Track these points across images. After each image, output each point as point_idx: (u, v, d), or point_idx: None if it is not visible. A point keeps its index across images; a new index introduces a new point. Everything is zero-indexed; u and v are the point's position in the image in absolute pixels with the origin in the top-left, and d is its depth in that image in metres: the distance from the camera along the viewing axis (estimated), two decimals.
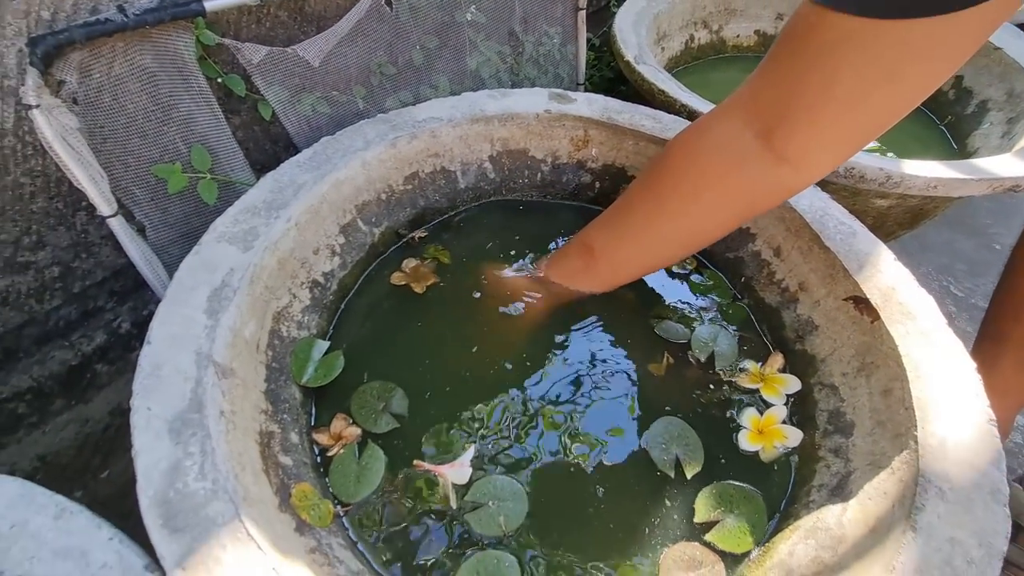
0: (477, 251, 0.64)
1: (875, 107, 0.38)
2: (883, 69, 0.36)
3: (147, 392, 0.36)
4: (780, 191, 0.46)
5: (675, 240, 0.52)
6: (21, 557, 0.30)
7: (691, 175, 0.48)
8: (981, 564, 0.32)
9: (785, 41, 0.40)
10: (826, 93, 0.38)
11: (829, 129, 0.40)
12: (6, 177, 0.43)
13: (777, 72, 0.41)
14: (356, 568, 0.38)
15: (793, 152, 0.41)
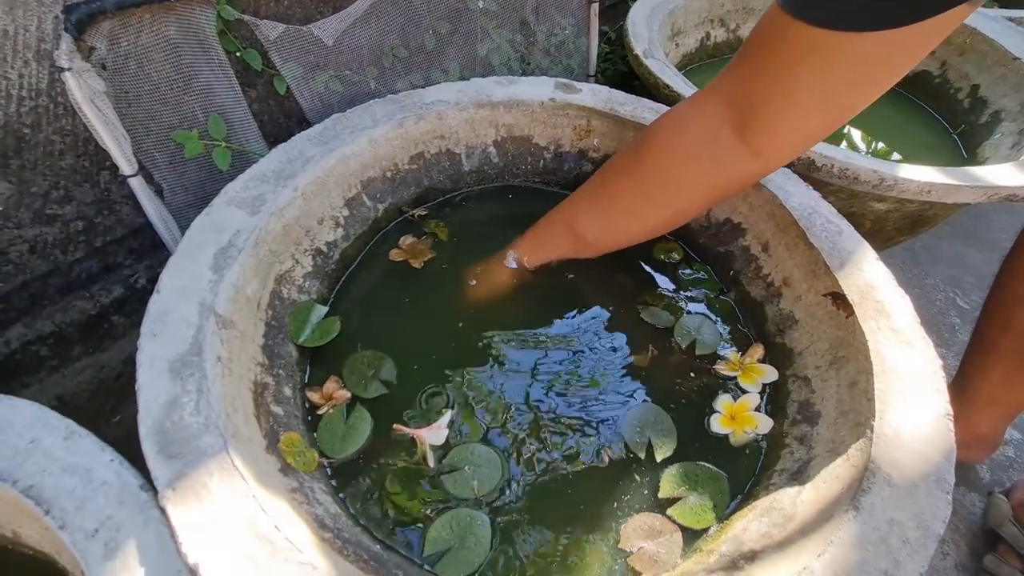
0: (475, 230, 0.67)
1: (835, 108, 0.43)
2: (843, 77, 0.40)
3: (153, 335, 0.39)
4: (750, 179, 0.51)
5: (660, 224, 0.57)
6: (34, 470, 0.34)
7: (673, 165, 0.51)
8: (916, 544, 0.33)
9: (757, 44, 0.43)
10: (793, 98, 0.42)
11: (795, 128, 0.44)
12: (39, 134, 0.47)
13: (750, 75, 0.45)
14: (334, 511, 0.41)
15: (765, 148, 0.46)
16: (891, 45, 0.38)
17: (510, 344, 0.56)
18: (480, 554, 0.41)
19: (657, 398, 0.52)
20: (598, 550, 0.43)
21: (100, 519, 0.32)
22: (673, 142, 0.51)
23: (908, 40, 0.38)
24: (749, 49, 0.44)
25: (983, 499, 0.77)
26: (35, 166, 0.48)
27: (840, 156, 0.59)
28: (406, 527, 0.43)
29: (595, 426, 0.50)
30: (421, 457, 0.45)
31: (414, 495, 0.44)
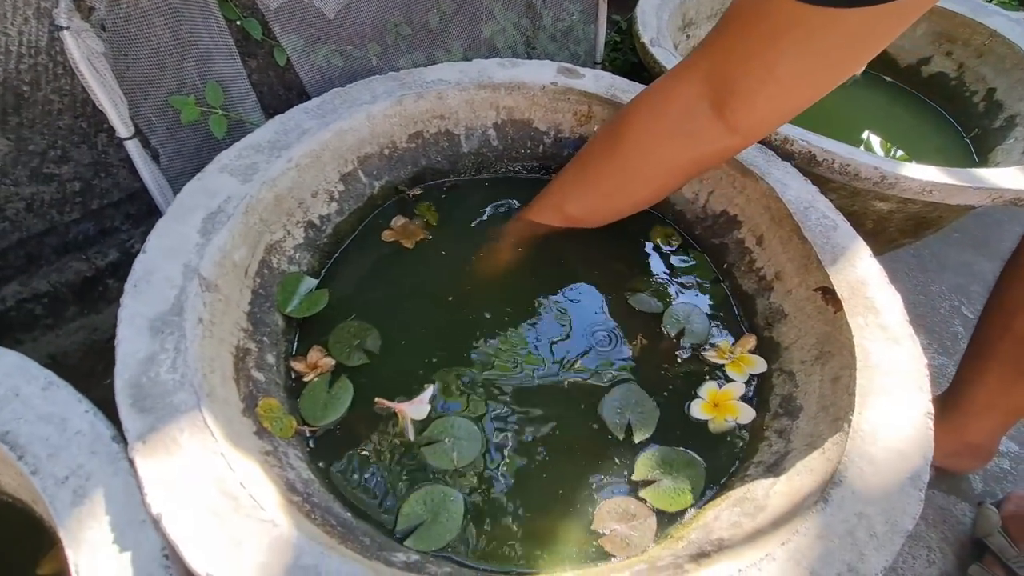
0: (469, 213, 0.67)
1: (812, 84, 0.43)
2: (824, 53, 0.41)
3: (135, 293, 0.40)
4: (728, 153, 0.52)
5: (642, 200, 0.58)
6: (11, 417, 0.34)
7: (652, 144, 0.52)
8: (883, 539, 0.33)
9: (739, 19, 0.43)
10: (773, 73, 0.42)
11: (773, 104, 0.45)
12: (37, 92, 0.48)
13: (729, 49, 0.45)
14: (307, 477, 0.41)
15: (742, 124, 0.47)
16: (874, 21, 0.38)
17: (497, 322, 0.56)
18: (452, 530, 0.41)
19: (641, 381, 0.52)
20: (571, 530, 0.43)
21: (71, 467, 0.32)
22: (651, 121, 0.52)
23: (886, 17, 0.38)
24: (728, 25, 0.44)
25: (974, 509, 0.76)
26: (33, 124, 0.49)
27: (842, 151, 0.58)
28: (380, 498, 0.43)
29: (576, 405, 0.50)
30: (401, 430, 0.46)
31: (391, 466, 0.45)
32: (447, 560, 0.39)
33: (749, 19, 0.42)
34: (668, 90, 0.50)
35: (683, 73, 0.49)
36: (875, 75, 0.99)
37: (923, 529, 0.74)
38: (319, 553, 0.30)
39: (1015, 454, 0.84)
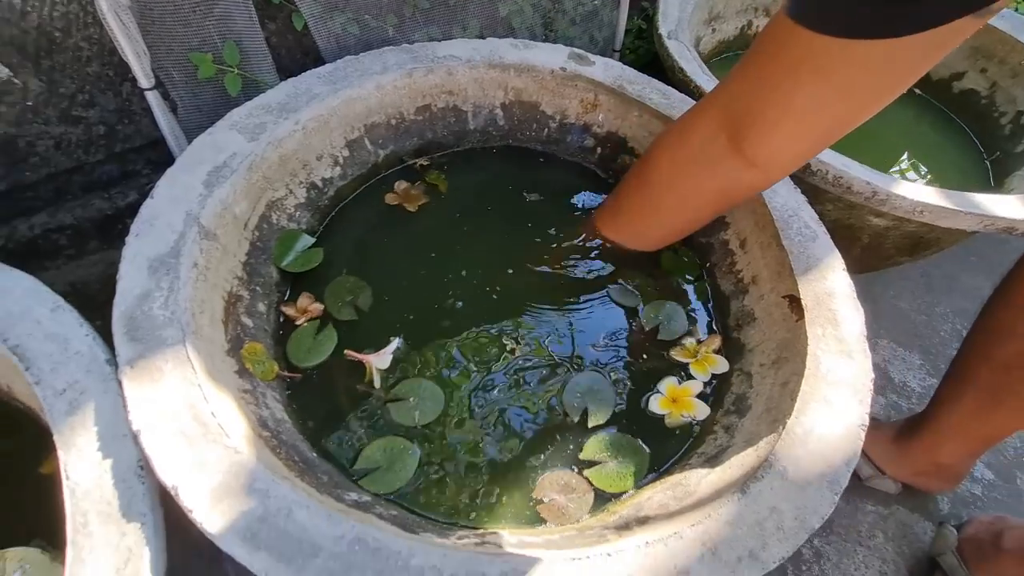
0: (473, 186, 0.69)
1: (831, 119, 0.42)
2: (840, 85, 0.40)
3: (139, 234, 0.44)
4: (750, 189, 0.51)
5: (670, 231, 0.60)
6: (22, 332, 0.39)
7: (675, 176, 0.53)
8: (788, 532, 0.35)
9: (758, 51, 0.43)
10: (790, 105, 0.42)
11: (790, 139, 0.44)
12: (68, 39, 0.51)
13: (748, 81, 0.45)
14: (280, 417, 0.45)
15: (760, 158, 0.46)
16: (890, 55, 0.38)
17: (482, 296, 0.58)
18: (403, 479, 0.45)
19: (606, 371, 0.54)
20: (513, 495, 0.46)
21: (69, 381, 0.37)
22: (675, 152, 0.52)
23: (907, 51, 0.37)
24: (749, 57, 0.44)
25: (936, 528, 0.77)
26: (64, 68, 0.53)
27: (836, 163, 0.59)
28: (344, 442, 0.47)
29: (540, 384, 0.53)
30: (369, 380, 0.49)
31: (359, 415, 0.49)
32: (395, 504, 0.43)
33: (768, 50, 0.42)
34: (691, 122, 0.51)
35: (705, 105, 0.49)
36: None
37: (881, 541, 0.76)
38: (271, 481, 0.34)
39: (988, 481, 0.84)
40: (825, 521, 0.77)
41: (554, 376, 0.53)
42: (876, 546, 0.76)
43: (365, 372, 0.50)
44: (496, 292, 0.59)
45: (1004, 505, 0.82)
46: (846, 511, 0.79)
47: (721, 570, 0.33)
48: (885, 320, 1.03)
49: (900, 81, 0.40)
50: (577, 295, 0.60)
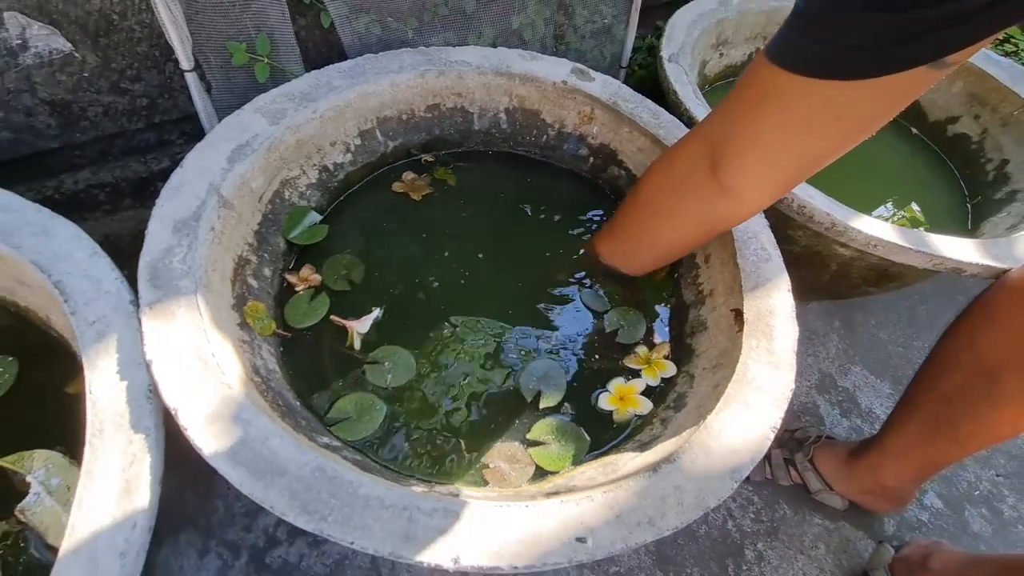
0: (474, 183, 0.75)
1: (798, 153, 0.45)
2: (803, 121, 0.43)
3: (168, 198, 0.51)
4: (728, 217, 0.54)
5: (659, 253, 0.63)
6: (64, 270, 0.46)
7: (659, 198, 0.57)
8: (686, 508, 0.41)
9: (738, 84, 0.46)
10: (756, 139, 0.45)
11: (760, 168, 0.47)
12: (124, 22, 0.59)
13: (727, 112, 0.48)
14: (271, 367, 0.52)
15: (732, 185, 0.49)
16: (851, 97, 0.40)
17: (464, 282, 0.65)
18: (369, 430, 0.51)
19: (563, 361, 0.60)
20: (464, 459, 0.52)
21: (98, 315, 0.44)
22: (662, 177, 0.57)
23: (867, 94, 0.40)
24: (730, 92, 0.47)
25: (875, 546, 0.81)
26: (118, 47, 0.60)
27: (801, 193, 0.63)
28: (322, 394, 0.54)
29: (502, 366, 0.59)
30: (350, 344, 0.56)
31: (339, 371, 0.55)
32: (360, 452, 0.50)
33: (743, 85, 0.45)
34: (679, 148, 0.54)
35: (694, 133, 0.53)
36: (904, 125, 1.00)
37: (823, 552, 0.81)
38: (255, 414, 0.41)
39: (937, 510, 0.88)
40: (771, 528, 0.82)
41: (516, 360, 0.59)
42: (817, 556, 0.80)
43: (348, 336, 0.56)
44: (477, 280, 0.65)
45: (948, 534, 0.85)
46: (794, 521, 0.83)
47: (621, 530, 0.39)
48: (861, 348, 1.06)
49: (863, 123, 0.43)
50: (550, 293, 0.66)
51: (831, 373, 1.02)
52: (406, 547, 0.36)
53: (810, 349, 1.05)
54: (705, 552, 0.78)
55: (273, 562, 0.70)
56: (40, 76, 0.58)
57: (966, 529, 0.87)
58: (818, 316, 1.10)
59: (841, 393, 1.00)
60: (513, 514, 0.39)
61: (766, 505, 0.84)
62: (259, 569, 0.69)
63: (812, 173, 0.48)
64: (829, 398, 0.99)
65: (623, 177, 0.76)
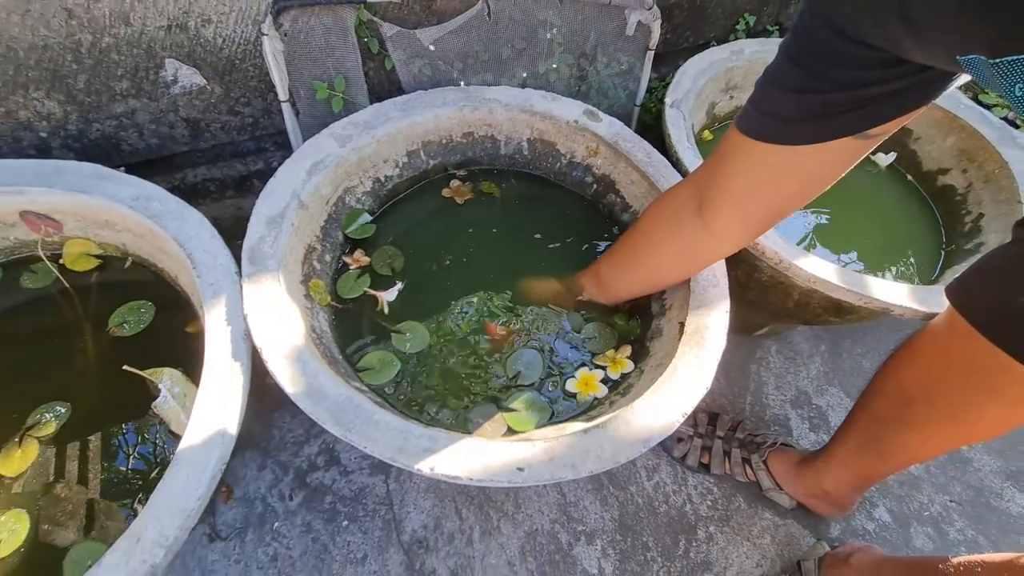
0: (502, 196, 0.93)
1: (763, 202, 0.55)
2: (759, 176, 0.53)
3: (263, 201, 0.71)
4: (710, 252, 0.64)
5: (648, 280, 0.74)
6: (194, 247, 0.67)
7: (655, 235, 0.68)
8: (603, 460, 0.56)
9: (718, 143, 0.57)
10: (727, 188, 0.55)
11: (734, 212, 0.57)
12: (243, 64, 0.79)
13: (707, 166, 0.60)
14: (323, 329, 0.72)
15: (714, 226, 0.59)
16: (793, 158, 0.49)
17: (481, 278, 0.82)
18: (385, 379, 0.70)
19: (544, 353, 0.76)
20: (454, 413, 0.70)
21: (214, 280, 0.65)
22: (656, 213, 0.68)
23: (806, 157, 0.50)
24: (714, 149, 0.59)
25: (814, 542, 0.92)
26: (236, 81, 0.81)
27: None
28: (356, 350, 0.73)
29: (496, 351, 0.76)
30: (380, 310, 0.75)
31: (371, 334, 0.74)
32: (379, 394, 0.68)
33: (719, 146, 0.55)
34: (675, 188, 0.65)
35: (687, 179, 0.63)
36: (901, 171, 1.08)
37: (767, 543, 0.93)
38: (311, 358, 0.60)
39: (884, 523, 0.98)
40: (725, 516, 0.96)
41: (508, 347, 0.76)
42: (761, 545, 0.93)
43: (379, 304, 0.75)
44: (492, 275, 0.82)
45: (890, 545, 0.95)
46: (747, 513, 0.96)
47: (550, 467, 0.55)
48: (842, 372, 1.16)
49: (811, 180, 0.51)
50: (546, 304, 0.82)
51: (808, 391, 1.12)
52: (400, 455, 0.54)
53: (792, 368, 1.15)
54: (662, 526, 0.93)
55: (312, 481, 0.90)
56: (183, 101, 0.80)
57: (908, 543, 0.96)
58: (806, 339, 1.20)
59: (813, 410, 1.10)
60: (475, 446, 0.56)
61: (723, 496, 0.97)
62: (301, 486, 0.90)
63: (781, 218, 0.58)
64: (801, 413, 1.09)
65: (619, 203, 0.90)
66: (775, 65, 0.50)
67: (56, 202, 0.70)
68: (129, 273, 0.77)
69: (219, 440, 0.54)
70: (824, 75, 0.46)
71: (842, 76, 0.46)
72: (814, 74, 0.46)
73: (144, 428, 0.66)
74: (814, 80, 0.46)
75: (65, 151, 0.79)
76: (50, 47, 0.68)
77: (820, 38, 0.45)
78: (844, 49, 0.44)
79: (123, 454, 0.64)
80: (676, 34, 1.10)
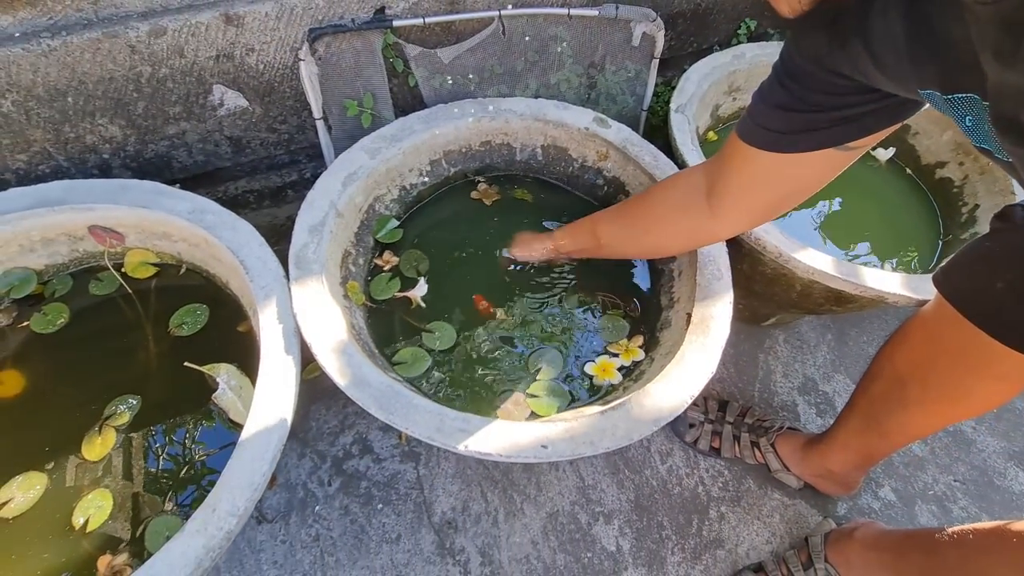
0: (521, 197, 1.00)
1: (761, 198, 0.62)
2: (754, 177, 0.61)
3: (305, 211, 0.78)
4: (711, 234, 0.71)
5: (649, 246, 0.80)
6: (245, 254, 0.74)
7: (665, 209, 0.73)
8: (618, 438, 0.62)
9: (728, 139, 0.63)
10: (729, 184, 0.63)
11: (735, 204, 0.64)
12: (281, 86, 0.87)
13: (716, 160, 0.66)
14: (361, 325, 0.79)
15: (718, 211, 0.66)
16: (782, 164, 0.55)
17: (508, 284, 0.89)
18: (418, 372, 0.77)
19: (562, 349, 0.82)
20: (482, 400, 0.76)
21: (266, 283, 0.72)
22: (668, 189, 0.75)
23: (794, 163, 0.56)
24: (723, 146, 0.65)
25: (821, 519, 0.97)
26: (275, 102, 0.89)
27: (756, 228, 0.81)
28: (390, 346, 0.80)
29: (519, 343, 0.82)
30: (415, 305, 0.82)
31: (402, 332, 0.81)
32: (412, 385, 0.75)
33: (725, 145, 0.61)
34: (683, 174, 0.72)
35: (699, 166, 0.69)
36: (901, 165, 1.12)
37: (777, 521, 0.98)
38: (354, 351, 0.67)
39: (889, 502, 1.02)
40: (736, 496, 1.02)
41: (531, 343, 0.82)
42: (771, 524, 0.98)
43: (412, 303, 0.83)
44: (510, 276, 0.89)
45: (895, 524, 1.00)
46: (756, 494, 1.01)
47: (571, 445, 0.62)
48: (848, 359, 1.20)
49: (801, 184, 0.59)
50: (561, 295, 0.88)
51: (815, 378, 1.17)
52: (438, 434, 0.61)
53: (799, 356, 1.20)
54: (676, 507, 0.99)
55: (348, 468, 0.97)
56: (227, 122, 0.88)
57: (913, 521, 1.00)
58: (813, 328, 1.24)
59: (820, 396, 1.15)
60: (503, 427, 0.62)
61: (734, 478, 1.02)
62: (338, 472, 0.97)
63: (779, 211, 0.65)
64: (808, 399, 1.14)
65: None
66: (768, 84, 0.57)
67: (121, 216, 0.78)
68: (184, 279, 0.85)
69: (278, 424, 0.62)
70: (806, 98, 0.52)
71: (824, 100, 0.52)
72: (798, 96, 0.53)
73: (206, 417, 0.74)
74: (798, 101, 0.53)
75: (123, 170, 0.87)
76: (115, 79, 0.76)
77: (803, 69, 0.51)
78: (824, 78, 0.50)
79: (188, 439, 0.72)
80: (680, 40, 1.15)
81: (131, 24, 0.71)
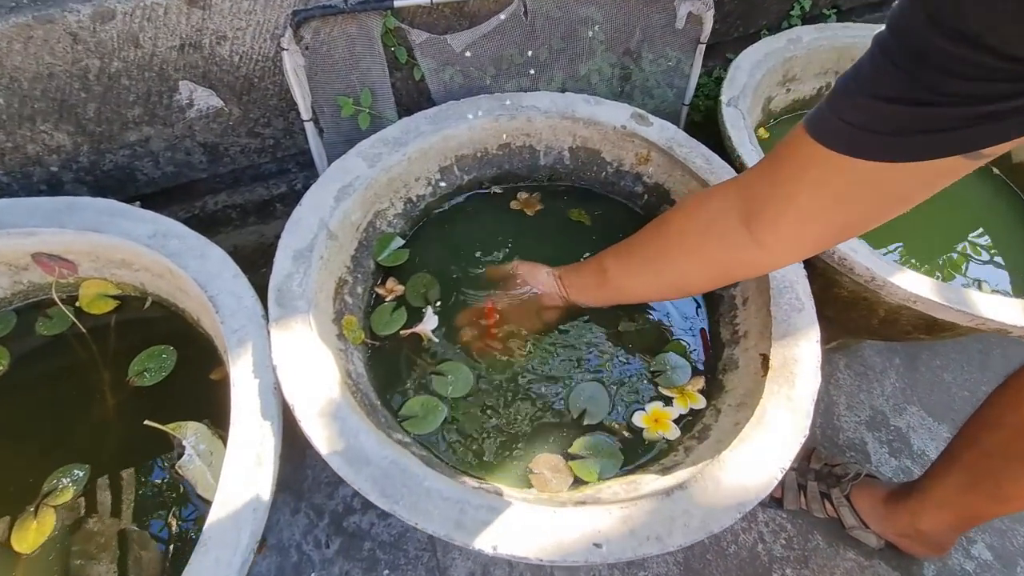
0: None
1: (832, 220, 0.48)
2: (836, 193, 0.46)
3: (289, 232, 0.64)
4: (753, 267, 0.57)
5: (669, 284, 0.66)
6: (216, 288, 0.60)
7: (687, 238, 0.59)
8: (692, 530, 0.48)
9: (777, 149, 0.49)
10: (792, 204, 0.48)
11: (795, 229, 0.50)
12: (262, 83, 0.73)
13: (764, 173, 0.51)
14: (360, 371, 0.65)
15: (766, 240, 0.52)
16: (886, 177, 0.42)
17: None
18: (431, 427, 0.62)
19: (607, 385, 0.68)
20: (513, 463, 0.62)
21: (239, 325, 0.58)
22: (693, 214, 0.59)
23: (903, 177, 0.42)
24: (770, 154, 0.51)
25: None
26: (256, 101, 0.75)
27: (843, 246, 0.66)
28: (396, 394, 0.65)
29: (553, 385, 0.68)
30: (426, 341, 0.68)
31: (410, 376, 0.67)
32: (425, 448, 0.61)
33: (781, 152, 0.48)
34: (707, 196, 0.57)
35: (728, 184, 0.56)
36: (986, 166, 0.96)
37: None
38: (349, 413, 0.53)
39: (985, 562, 0.87)
40: (802, 556, 0.86)
41: (566, 381, 0.68)
42: None
43: (422, 339, 0.68)
44: None
45: None
46: (826, 553, 0.86)
47: (632, 542, 0.47)
48: (921, 388, 1.05)
49: (899, 200, 0.45)
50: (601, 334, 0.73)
51: (884, 411, 1.02)
52: (457, 532, 0.46)
53: (864, 385, 1.05)
54: (732, 570, 0.84)
55: (349, 526, 0.83)
56: (199, 125, 0.74)
57: None
58: (877, 352, 1.09)
59: (892, 432, 0.99)
60: (544, 517, 0.48)
61: (799, 534, 0.87)
62: (338, 531, 0.83)
63: (846, 239, 0.51)
64: (879, 436, 0.99)
65: None
66: (870, 68, 0.41)
67: (69, 242, 0.65)
68: (149, 313, 0.71)
69: (250, 515, 0.47)
70: (940, 86, 0.37)
71: (961, 88, 0.37)
72: (926, 84, 0.37)
73: (169, 491, 0.60)
74: (924, 91, 0.37)
75: (78, 185, 0.74)
76: (56, 75, 0.62)
77: (937, 45, 0.36)
78: (969, 59, 0.35)
79: (145, 523, 0.58)
80: (726, 23, 1.00)
81: (69, 6, 0.57)
